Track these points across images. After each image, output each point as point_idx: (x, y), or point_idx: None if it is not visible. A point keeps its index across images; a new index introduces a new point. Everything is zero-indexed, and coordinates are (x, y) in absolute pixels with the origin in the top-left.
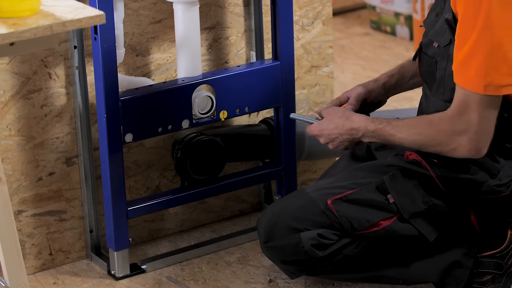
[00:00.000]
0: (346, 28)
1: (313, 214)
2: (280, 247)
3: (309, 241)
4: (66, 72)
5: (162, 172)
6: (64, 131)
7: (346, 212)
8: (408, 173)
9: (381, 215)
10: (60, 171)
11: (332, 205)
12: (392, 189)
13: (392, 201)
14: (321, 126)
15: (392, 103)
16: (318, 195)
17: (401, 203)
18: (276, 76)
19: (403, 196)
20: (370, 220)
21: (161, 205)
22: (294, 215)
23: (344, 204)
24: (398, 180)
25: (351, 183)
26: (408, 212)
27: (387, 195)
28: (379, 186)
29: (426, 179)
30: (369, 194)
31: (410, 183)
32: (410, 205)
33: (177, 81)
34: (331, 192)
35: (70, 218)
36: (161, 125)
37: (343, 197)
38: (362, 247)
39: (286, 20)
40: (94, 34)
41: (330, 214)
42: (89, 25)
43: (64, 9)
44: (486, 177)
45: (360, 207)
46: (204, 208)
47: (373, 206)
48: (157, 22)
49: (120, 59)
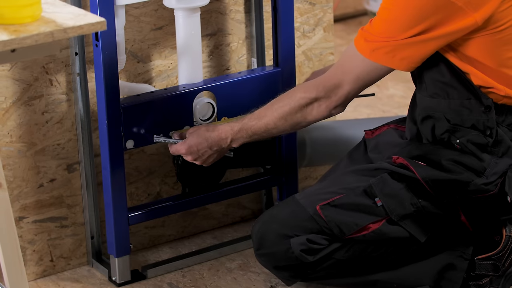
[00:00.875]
0: (348, 35)
1: (302, 220)
2: (271, 254)
3: (299, 246)
4: (67, 78)
5: (163, 179)
6: (65, 138)
7: (334, 216)
8: (395, 176)
9: (370, 218)
10: (61, 177)
11: (321, 210)
12: (379, 192)
13: (380, 204)
14: (189, 143)
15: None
16: (307, 201)
17: (389, 205)
18: (277, 82)
19: (391, 199)
20: (358, 224)
21: (162, 212)
22: (284, 222)
23: (332, 209)
24: (386, 183)
25: (340, 188)
26: (396, 215)
27: (375, 199)
28: (367, 190)
29: (413, 181)
30: (356, 198)
31: (397, 185)
32: (398, 208)
33: (178, 87)
34: (320, 198)
35: (71, 225)
36: (162, 132)
37: (331, 202)
38: (353, 251)
39: (287, 26)
40: (95, 40)
41: (319, 219)
42: (90, 31)
43: (65, 16)
44: (472, 176)
45: (348, 211)
46: (205, 215)
47: (361, 210)
48: (158, 29)
49: (121, 65)
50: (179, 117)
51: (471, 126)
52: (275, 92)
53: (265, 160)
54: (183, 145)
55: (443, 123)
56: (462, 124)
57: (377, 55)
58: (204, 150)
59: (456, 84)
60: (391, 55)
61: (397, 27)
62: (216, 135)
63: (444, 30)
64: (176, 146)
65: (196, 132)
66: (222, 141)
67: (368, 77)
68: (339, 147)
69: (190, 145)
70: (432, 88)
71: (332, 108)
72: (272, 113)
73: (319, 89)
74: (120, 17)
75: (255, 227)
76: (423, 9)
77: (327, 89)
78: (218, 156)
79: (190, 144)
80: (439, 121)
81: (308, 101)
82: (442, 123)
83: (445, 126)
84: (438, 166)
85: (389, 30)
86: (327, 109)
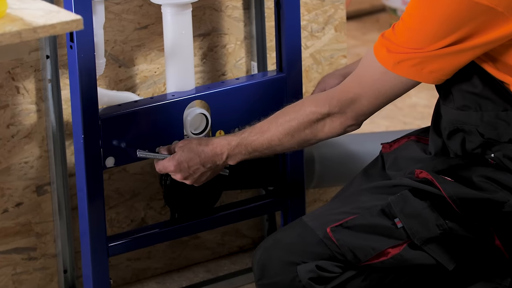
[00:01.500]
0: (363, 35)
1: (310, 244)
2: (275, 284)
3: (307, 274)
4: (37, 86)
5: (149, 202)
6: (34, 155)
7: (347, 240)
8: (418, 193)
9: (389, 242)
10: (30, 201)
11: (332, 233)
12: (399, 212)
13: (400, 225)
14: (178, 159)
15: (415, 121)
16: (315, 223)
17: (411, 227)
18: (281, 90)
19: (413, 220)
20: (376, 249)
21: (148, 241)
22: (289, 247)
23: (345, 231)
24: (407, 202)
25: (353, 208)
26: (420, 238)
27: (394, 219)
28: (385, 209)
29: (439, 200)
30: (373, 218)
31: (420, 204)
32: (421, 230)
33: (166, 96)
34: (331, 219)
35: (40, 257)
36: (148, 148)
37: (343, 224)
38: (370, 281)
39: (293, 25)
40: (69, 41)
41: (330, 244)
42: (64, 31)
43: (35, 13)
44: (508, 196)
45: (363, 234)
46: (197, 244)
47: (379, 232)
48: (143, 28)
49: (100, 70)
50: (167, 130)
51: (509, 141)
52: (279, 101)
53: (267, 180)
54: (171, 161)
55: (475, 137)
56: (498, 138)
57: (402, 68)
58: (195, 167)
59: (491, 94)
60: (418, 68)
61: (426, 37)
62: (210, 150)
63: (482, 39)
64: (163, 162)
65: (187, 146)
66: (216, 157)
67: (391, 91)
68: (352, 165)
69: (180, 161)
70: (460, 100)
71: (347, 126)
72: (277, 128)
73: (332, 104)
74: (98, 14)
75: (257, 254)
76: (456, 16)
77: (342, 104)
78: (212, 175)
79: (179, 160)
80: (470, 135)
81: (320, 116)
82: (474, 137)
83: (477, 141)
84: (468, 183)
85: (416, 39)
86: (341, 126)
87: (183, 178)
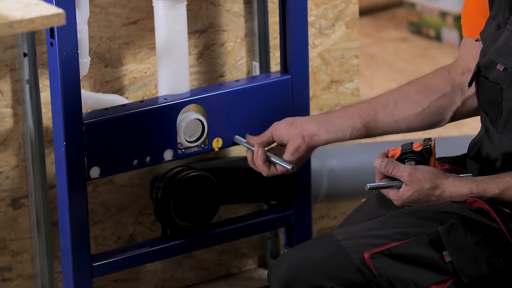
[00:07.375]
0: (377, 32)
1: (344, 270)
2: None
3: None
4: (13, 87)
5: (138, 217)
6: (9, 164)
7: (388, 270)
8: (471, 224)
9: (434, 277)
10: (4, 215)
11: (371, 260)
12: (449, 244)
13: (448, 259)
14: (403, 195)
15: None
16: (351, 245)
17: (459, 263)
18: (286, 93)
19: (462, 254)
20: (418, 283)
21: (136, 260)
22: (320, 269)
23: (386, 259)
24: (458, 233)
25: (396, 232)
26: (468, 275)
27: (442, 252)
28: (433, 239)
29: (494, 233)
30: (419, 249)
31: (472, 237)
32: (470, 266)
33: (158, 99)
34: (369, 242)
35: (16, 277)
36: (137, 157)
37: (385, 251)
38: None
39: (299, 21)
40: (50, 38)
41: (367, 272)
42: (43, 26)
43: (11, 6)
44: None
45: (406, 265)
46: (192, 264)
47: (424, 265)
48: (132, 24)
49: (84, 71)
50: (158, 138)
51: None
52: (283, 106)
53: (269, 193)
54: (398, 195)
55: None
56: None
57: None
58: (428, 199)
59: None
60: None
61: None
62: (443, 197)
63: None
64: (390, 192)
65: (417, 181)
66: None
67: None
68: (365, 177)
69: (405, 200)
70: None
71: None
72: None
73: None
74: (82, 7)
75: (278, 270)
76: None
77: None
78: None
79: (405, 199)
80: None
81: None
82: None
83: None
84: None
85: None
86: None
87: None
